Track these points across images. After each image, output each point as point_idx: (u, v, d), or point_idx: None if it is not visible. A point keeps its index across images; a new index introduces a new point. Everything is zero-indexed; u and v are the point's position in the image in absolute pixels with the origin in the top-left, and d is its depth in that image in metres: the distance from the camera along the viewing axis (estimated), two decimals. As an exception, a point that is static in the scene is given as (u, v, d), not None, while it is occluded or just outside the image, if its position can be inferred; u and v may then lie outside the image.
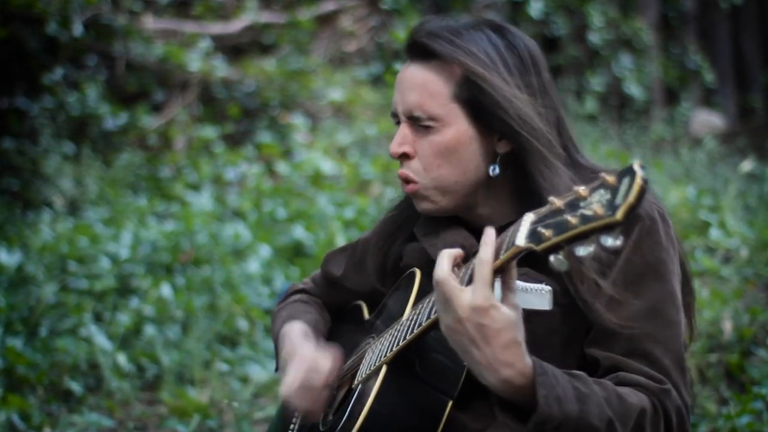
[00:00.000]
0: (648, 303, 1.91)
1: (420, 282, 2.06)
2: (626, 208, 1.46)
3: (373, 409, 1.91)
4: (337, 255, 2.43)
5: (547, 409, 1.71)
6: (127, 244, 5.59)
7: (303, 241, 5.83)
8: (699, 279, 4.51)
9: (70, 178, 7.02)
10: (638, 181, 1.47)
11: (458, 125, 1.99)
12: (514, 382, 1.71)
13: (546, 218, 1.57)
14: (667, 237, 1.96)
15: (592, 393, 1.78)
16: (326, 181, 7.32)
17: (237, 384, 4.41)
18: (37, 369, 4.28)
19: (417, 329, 1.88)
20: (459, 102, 1.99)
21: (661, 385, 1.87)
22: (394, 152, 2.04)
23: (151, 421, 4.19)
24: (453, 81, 1.99)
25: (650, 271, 1.92)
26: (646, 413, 1.82)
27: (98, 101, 7.77)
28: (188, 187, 7.40)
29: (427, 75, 2.00)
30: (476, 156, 2.01)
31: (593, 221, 1.49)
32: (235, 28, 9.32)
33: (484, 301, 1.67)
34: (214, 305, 5.03)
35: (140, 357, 4.56)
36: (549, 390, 1.72)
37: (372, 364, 2.01)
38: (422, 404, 1.93)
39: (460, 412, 1.95)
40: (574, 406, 1.74)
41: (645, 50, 11.33)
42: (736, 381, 3.79)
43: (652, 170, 6.56)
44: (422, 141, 2.01)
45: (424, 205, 2.05)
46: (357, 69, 9.66)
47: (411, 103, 2.01)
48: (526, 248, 1.59)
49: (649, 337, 1.89)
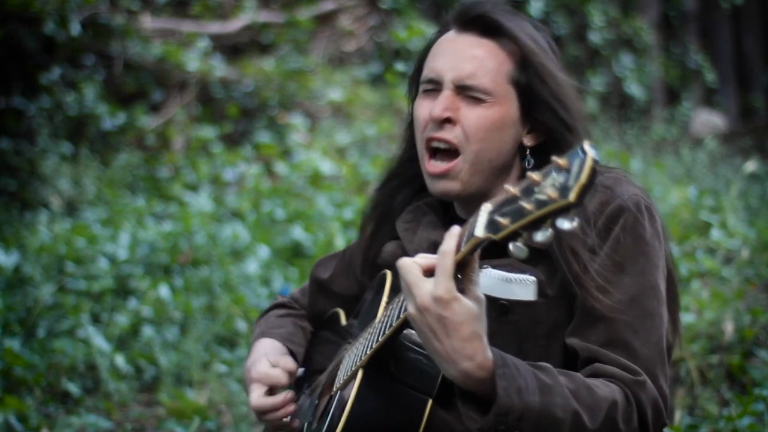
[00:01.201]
0: (628, 294, 1.91)
1: (391, 284, 2.07)
2: (578, 188, 1.46)
3: (352, 413, 1.91)
4: (327, 260, 2.45)
5: (508, 401, 1.71)
6: (125, 245, 5.59)
7: (302, 242, 5.83)
8: (700, 280, 4.51)
9: (67, 178, 7.02)
10: (589, 162, 1.47)
11: (508, 106, 2.00)
12: (474, 375, 1.71)
13: (503, 206, 1.57)
14: (652, 231, 1.97)
15: (557, 384, 1.77)
16: (325, 181, 7.31)
17: (235, 385, 4.40)
18: (34, 370, 4.28)
19: (388, 330, 1.88)
20: (514, 84, 2.01)
21: (636, 376, 1.87)
22: (438, 116, 2.01)
23: (149, 423, 4.19)
24: (512, 62, 2.01)
25: (631, 263, 1.93)
26: (618, 405, 1.82)
27: (96, 101, 7.77)
28: (186, 187, 7.40)
29: (487, 49, 2.01)
30: (510, 140, 2.02)
31: (548, 205, 1.49)
32: (233, 27, 9.32)
33: (445, 293, 1.67)
34: (213, 306, 5.03)
35: (138, 358, 4.56)
36: (509, 381, 1.72)
37: (349, 369, 2.02)
38: (401, 405, 1.93)
39: (444, 412, 1.95)
40: (536, 397, 1.73)
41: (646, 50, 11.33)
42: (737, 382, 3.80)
43: (653, 170, 6.56)
44: (468, 111, 2.01)
45: (449, 185, 2.03)
46: (356, 69, 9.65)
47: (466, 72, 2.00)
48: (485, 238, 1.59)
49: (628, 327, 1.90)
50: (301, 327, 2.42)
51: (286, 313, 2.46)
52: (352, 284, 2.34)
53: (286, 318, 2.43)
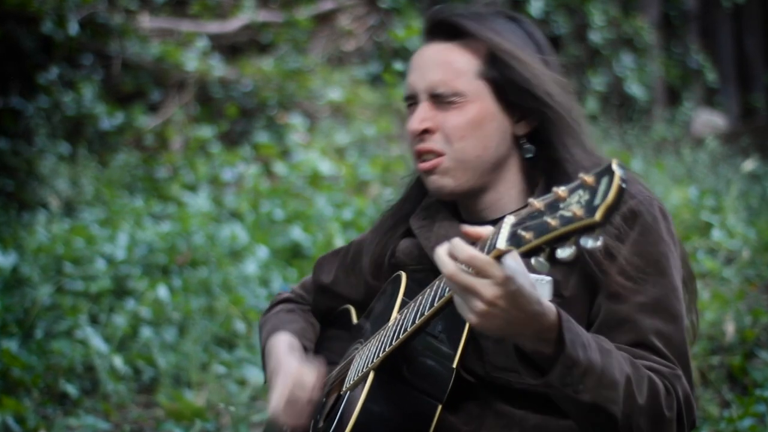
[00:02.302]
0: (651, 298, 1.91)
1: (406, 285, 2.06)
2: (605, 208, 1.46)
3: (361, 415, 1.91)
4: (328, 260, 2.42)
5: (574, 353, 1.71)
6: (123, 246, 5.58)
7: (301, 242, 5.83)
8: (701, 280, 4.50)
9: (65, 178, 7.02)
10: (616, 181, 1.47)
11: (483, 101, 2.02)
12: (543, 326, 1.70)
13: (526, 220, 1.57)
14: (668, 232, 1.97)
15: (613, 350, 1.79)
16: (324, 181, 7.31)
17: (234, 387, 4.40)
18: (32, 371, 4.27)
19: (403, 334, 1.88)
20: (484, 79, 2.02)
21: (673, 369, 1.88)
22: (416, 129, 2.04)
23: (147, 425, 4.18)
24: (479, 58, 2.02)
25: (652, 266, 1.92)
26: (660, 389, 1.83)
27: (94, 101, 7.76)
28: (185, 187, 7.39)
29: (452, 52, 2.03)
30: (497, 133, 2.03)
31: (573, 223, 1.49)
32: (232, 27, 9.31)
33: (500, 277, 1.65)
34: (211, 307, 5.02)
35: (136, 359, 4.55)
36: (575, 336, 1.73)
37: (360, 370, 2.01)
38: (411, 409, 1.93)
39: (450, 414, 1.95)
40: (598, 356, 1.75)
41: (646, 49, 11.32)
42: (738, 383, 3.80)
43: (654, 171, 6.55)
44: (445, 116, 2.03)
45: (444, 182, 2.05)
46: (355, 68, 9.64)
47: (435, 81, 2.02)
48: (506, 251, 1.59)
49: (653, 331, 1.90)
50: (310, 323, 2.41)
51: (294, 308, 2.44)
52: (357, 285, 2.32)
53: (294, 313, 2.42)
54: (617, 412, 1.77)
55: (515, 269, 1.66)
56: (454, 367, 1.93)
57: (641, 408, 1.80)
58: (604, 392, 1.75)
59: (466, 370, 1.98)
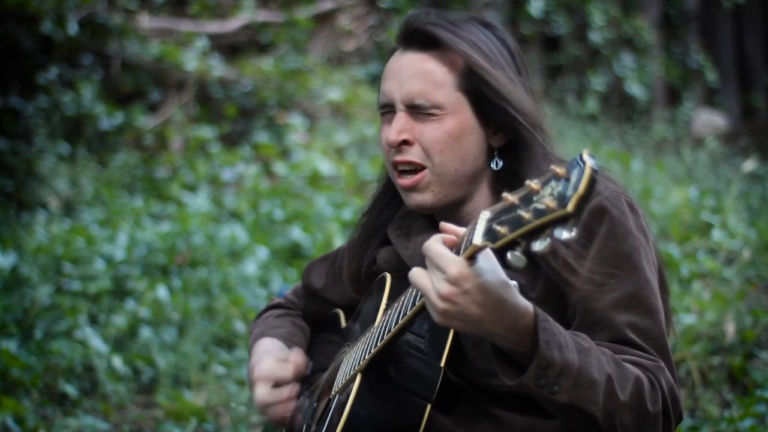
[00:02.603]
0: (624, 293, 1.90)
1: (390, 286, 2.07)
2: (577, 199, 1.47)
3: (350, 417, 1.91)
4: (318, 265, 2.43)
5: (549, 354, 1.71)
6: (122, 246, 5.57)
7: (301, 243, 5.82)
8: (701, 281, 4.50)
9: (65, 178, 7.00)
10: (587, 171, 1.47)
11: (461, 114, 2.01)
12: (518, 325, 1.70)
13: (501, 215, 1.57)
14: (637, 226, 1.96)
15: (592, 348, 1.78)
16: (324, 181, 7.30)
17: (234, 387, 4.40)
18: (31, 372, 4.27)
19: (387, 335, 1.88)
20: (463, 91, 2.01)
21: (655, 362, 1.87)
22: (393, 140, 2.02)
23: (147, 425, 4.18)
24: (456, 71, 2.01)
25: (624, 260, 1.92)
26: (644, 384, 1.82)
27: (93, 101, 7.75)
28: (184, 187, 7.38)
29: (429, 63, 2.02)
30: (475, 146, 2.02)
31: (546, 215, 1.49)
32: (231, 27, 9.30)
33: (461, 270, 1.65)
34: (211, 307, 5.02)
35: (136, 360, 4.55)
36: (550, 336, 1.72)
37: (347, 373, 2.02)
38: (400, 410, 1.93)
39: (443, 415, 1.95)
40: (575, 355, 1.74)
41: (647, 49, 11.31)
42: (738, 384, 3.80)
43: (654, 171, 6.55)
44: (423, 128, 2.02)
45: (422, 198, 2.04)
46: (355, 68, 9.64)
47: (413, 91, 2.01)
48: (482, 246, 1.59)
49: (630, 326, 1.89)
50: (300, 327, 2.42)
51: (284, 313, 2.45)
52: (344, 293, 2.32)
53: (284, 318, 2.42)
54: (596, 411, 1.76)
55: (483, 269, 1.66)
56: (441, 366, 1.93)
57: (624, 405, 1.79)
58: (581, 393, 1.75)
59: (455, 372, 1.98)
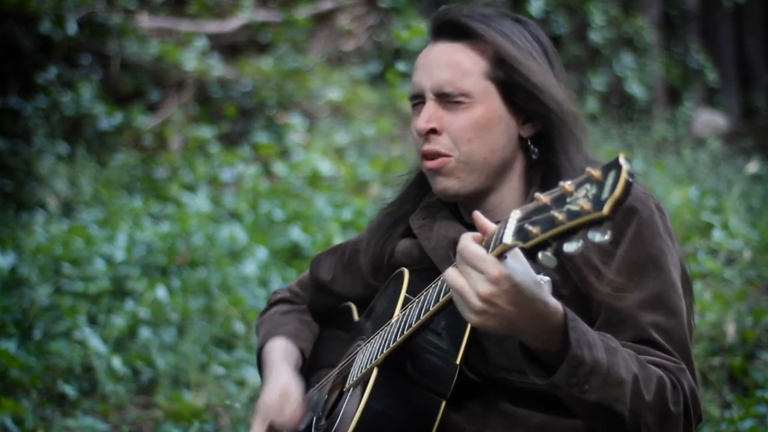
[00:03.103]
0: (650, 293, 1.91)
1: (408, 281, 2.06)
2: (613, 202, 1.46)
3: (365, 412, 1.91)
4: (325, 258, 2.42)
5: (579, 352, 1.71)
6: (121, 246, 5.56)
7: (300, 243, 5.81)
8: (702, 281, 4.50)
9: (64, 178, 7.00)
10: (624, 175, 1.47)
11: (490, 103, 2.01)
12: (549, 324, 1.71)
13: (533, 215, 1.57)
14: (665, 228, 1.98)
15: (619, 348, 1.79)
16: (324, 182, 7.29)
17: (233, 387, 4.39)
18: (30, 372, 4.27)
19: (407, 331, 1.88)
20: (492, 80, 2.02)
21: (678, 363, 1.88)
22: (422, 128, 2.03)
23: (146, 426, 4.18)
24: (486, 59, 2.02)
25: (650, 261, 1.93)
26: (666, 385, 1.83)
27: (93, 101, 7.74)
28: (184, 188, 7.37)
29: (459, 53, 2.03)
30: (504, 136, 2.03)
31: (580, 217, 1.49)
32: (231, 26, 9.30)
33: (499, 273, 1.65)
34: (210, 308, 5.01)
35: (135, 360, 4.54)
36: (580, 335, 1.73)
37: (363, 367, 2.01)
38: (415, 406, 1.93)
39: (454, 412, 1.95)
40: (604, 354, 1.75)
41: (647, 49, 11.30)
42: (739, 385, 3.80)
43: (654, 171, 6.54)
44: (452, 117, 2.03)
45: (448, 183, 2.05)
46: (355, 68, 9.63)
47: (442, 80, 2.02)
48: (513, 245, 1.59)
49: (655, 326, 1.90)
50: (306, 322, 2.41)
51: (290, 309, 2.44)
52: (355, 285, 2.32)
53: (290, 314, 2.42)
54: (624, 410, 1.77)
55: (515, 269, 1.66)
56: (457, 363, 1.93)
57: (648, 405, 1.80)
58: (610, 391, 1.75)
59: (469, 368, 1.98)
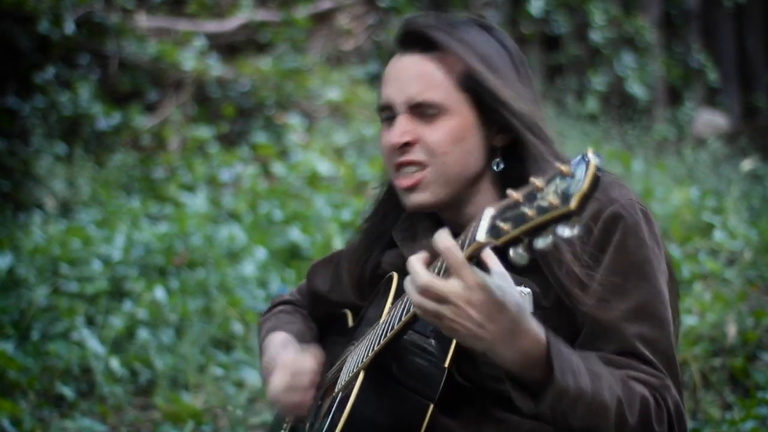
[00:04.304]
0: (634, 304, 1.90)
1: (397, 286, 2.07)
2: (580, 196, 1.48)
3: (352, 415, 1.92)
4: (321, 268, 2.42)
5: (563, 382, 1.71)
6: (120, 247, 5.56)
7: (299, 243, 5.81)
8: (702, 282, 4.49)
9: (62, 179, 7.00)
10: (592, 169, 1.48)
11: (463, 114, 2.00)
12: (532, 352, 1.71)
13: (505, 211, 1.59)
14: (651, 235, 1.96)
15: (603, 372, 1.79)
16: (323, 182, 7.29)
17: (232, 389, 4.40)
18: (28, 373, 4.26)
19: (390, 332, 1.88)
20: (463, 91, 2.00)
21: (661, 380, 1.87)
22: (396, 142, 2.02)
23: (144, 427, 4.18)
24: (455, 72, 2.00)
25: (635, 270, 1.92)
26: (650, 404, 1.83)
27: (91, 101, 7.73)
28: (182, 188, 7.37)
29: (429, 65, 2.01)
30: (477, 146, 2.02)
31: (549, 212, 1.50)
32: (230, 26, 9.30)
33: (473, 281, 1.67)
34: (209, 308, 5.01)
35: (133, 361, 4.54)
36: (564, 362, 1.73)
37: (351, 371, 2.02)
38: (402, 408, 1.93)
39: (449, 418, 1.95)
40: (588, 381, 1.75)
41: (647, 49, 11.29)
42: (740, 386, 3.79)
43: (655, 171, 6.54)
44: (426, 129, 2.01)
45: (422, 198, 2.03)
46: (354, 68, 9.63)
47: (414, 92, 2.01)
48: (486, 243, 1.60)
49: (639, 337, 1.89)
50: (309, 326, 2.42)
51: (295, 310, 2.45)
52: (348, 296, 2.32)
53: (294, 315, 2.43)
54: None
55: (499, 285, 1.67)
56: (445, 367, 1.94)
57: (633, 428, 1.80)
58: (595, 418, 1.76)
59: (462, 375, 1.97)
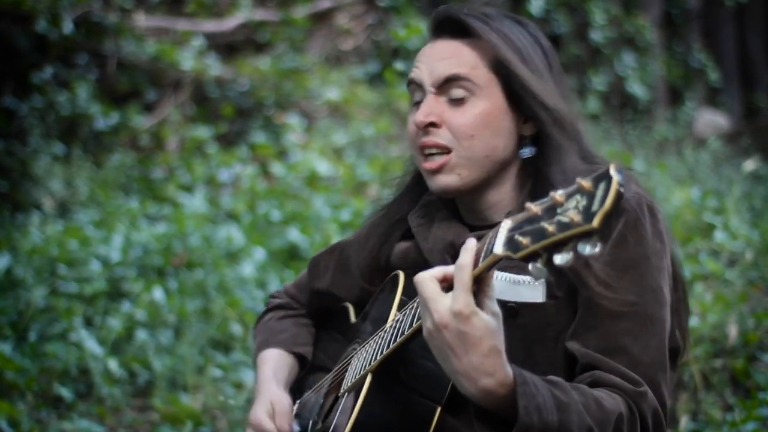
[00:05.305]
0: (626, 299, 1.90)
1: (404, 285, 2.05)
2: (602, 215, 1.46)
3: (359, 418, 1.91)
4: (323, 260, 2.40)
5: (528, 420, 1.71)
6: (118, 247, 5.55)
7: (298, 244, 5.81)
8: (703, 282, 4.49)
9: (60, 179, 7.01)
10: (614, 187, 1.46)
11: (492, 98, 2.00)
12: (495, 392, 1.71)
13: (523, 225, 1.57)
14: (653, 231, 1.95)
15: (572, 401, 1.77)
16: (322, 182, 7.29)
17: (230, 390, 4.38)
18: (26, 374, 4.25)
19: (400, 338, 1.87)
20: (496, 73, 2.01)
21: (637, 387, 1.87)
22: (421, 121, 2.01)
23: (143, 428, 4.18)
24: (486, 59, 2.01)
25: (632, 266, 1.91)
26: (623, 418, 1.83)
27: (89, 101, 7.74)
28: (181, 188, 7.37)
29: (462, 48, 2.02)
30: (506, 132, 2.02)
31: (570, 229, 1.49)
32: (228, 25, 9.31)
33: (465, 308, 1.66)
34: (208, 309, 5.01)
35: (132, 362, 4.53)
36: (529, 400, 1.72)
37: (357, 373, 2.00)
38: (410, 412, 1.92)
39: (452, 417, 1.94)
40: (554, 416, 1.74)
41: (648, 48, 11.30)
42: (741, 387, 3.79)
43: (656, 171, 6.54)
44: (453, 111, 2.01)
45: (449, 180, 2.03)
46: (353, 68, 9.64)
47: (444, 71, 2.01)
48: (503, 256, 1.59)
49: (628, 332, 1.89)
50: (303, 325, 2.41)
51: (285, 315, 2.43)
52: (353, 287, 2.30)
53: (286, 320, 2.41)
54: None
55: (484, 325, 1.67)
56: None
57: None
58: None
59: None
